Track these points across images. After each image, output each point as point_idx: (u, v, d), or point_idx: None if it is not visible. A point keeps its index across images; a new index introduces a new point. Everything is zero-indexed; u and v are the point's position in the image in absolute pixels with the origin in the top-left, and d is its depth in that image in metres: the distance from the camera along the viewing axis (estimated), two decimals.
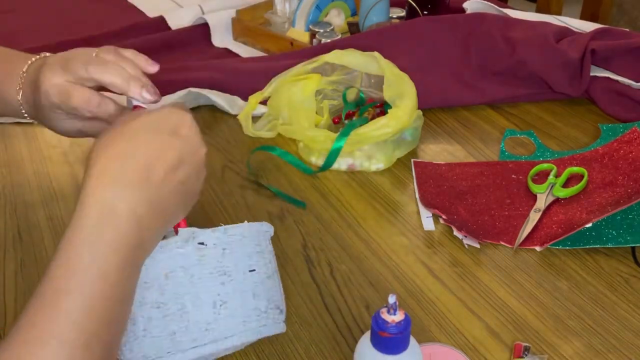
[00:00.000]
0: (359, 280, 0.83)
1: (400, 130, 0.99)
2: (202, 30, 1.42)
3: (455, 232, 0.89)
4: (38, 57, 0.80)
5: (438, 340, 0.75)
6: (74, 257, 0.55)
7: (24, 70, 0.79)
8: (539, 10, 2.35)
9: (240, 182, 1.01)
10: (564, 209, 0.92)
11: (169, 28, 1.44)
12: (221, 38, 1.42)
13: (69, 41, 1.37)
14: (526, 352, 0.73)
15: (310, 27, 1.34)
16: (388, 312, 0.56)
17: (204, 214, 0.94)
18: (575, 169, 0.98)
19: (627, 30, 1.23)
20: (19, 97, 0.79)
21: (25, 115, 0.81)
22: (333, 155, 0.99)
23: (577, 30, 1.25)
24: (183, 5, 1.56)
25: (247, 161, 1.04)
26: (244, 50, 1.39)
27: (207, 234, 0.64)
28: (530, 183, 0.96)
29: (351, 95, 1.13)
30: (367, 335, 0.58)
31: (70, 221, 0.57)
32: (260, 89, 1.08)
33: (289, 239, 0.90)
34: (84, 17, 1.55)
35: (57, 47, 1.33)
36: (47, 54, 0.80)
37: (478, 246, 0.88)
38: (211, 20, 1.41)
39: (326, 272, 0.85)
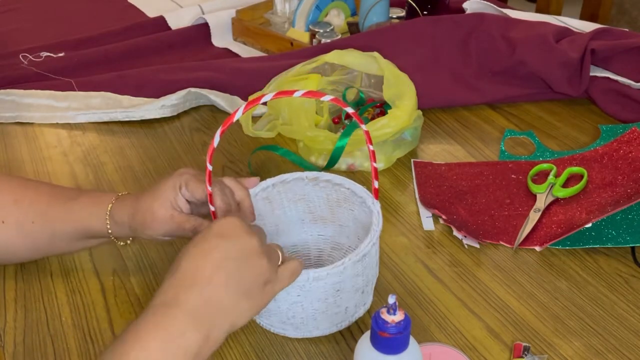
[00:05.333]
0: None
1: (400, 130, 0.99)
2: (202, 30, 1.42)
3: (455, 232, 0.89)
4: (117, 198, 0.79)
5: (438, 340, 0.75)
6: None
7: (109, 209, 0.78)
8: (538, 10, 2.35)
9: None
10: (563, 209, 0.92)
11: (169, 28, 1.44)
12: (221, 38, 1.42)
13: (69, 41, 1.38)
14: (526, 352, 0.73)
15: (310, 27, 1.34)
16: (388, 312, 0.56)
17: None
18: (575, 169, 0.98)
19: (627, 30, 1.23)
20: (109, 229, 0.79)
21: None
22: (337, 152, 0.98)
23: (577, 30, 1.25)
24: (183, 5, 1.56)
25: (249, 161, 1.04)
26: (244, 50, 1.39)
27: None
28: (530, 183, 0.96)
29: (351, 95, 1.13)
30: (367, 335, 0.58)
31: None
32: (260, 89, 1.08)
33: None
34: (84, 17, 1.55)
35: (57, 47, 1.34)
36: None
37: (478, 246, 0.88)
38: (211, 20, 1.42)
39: None
